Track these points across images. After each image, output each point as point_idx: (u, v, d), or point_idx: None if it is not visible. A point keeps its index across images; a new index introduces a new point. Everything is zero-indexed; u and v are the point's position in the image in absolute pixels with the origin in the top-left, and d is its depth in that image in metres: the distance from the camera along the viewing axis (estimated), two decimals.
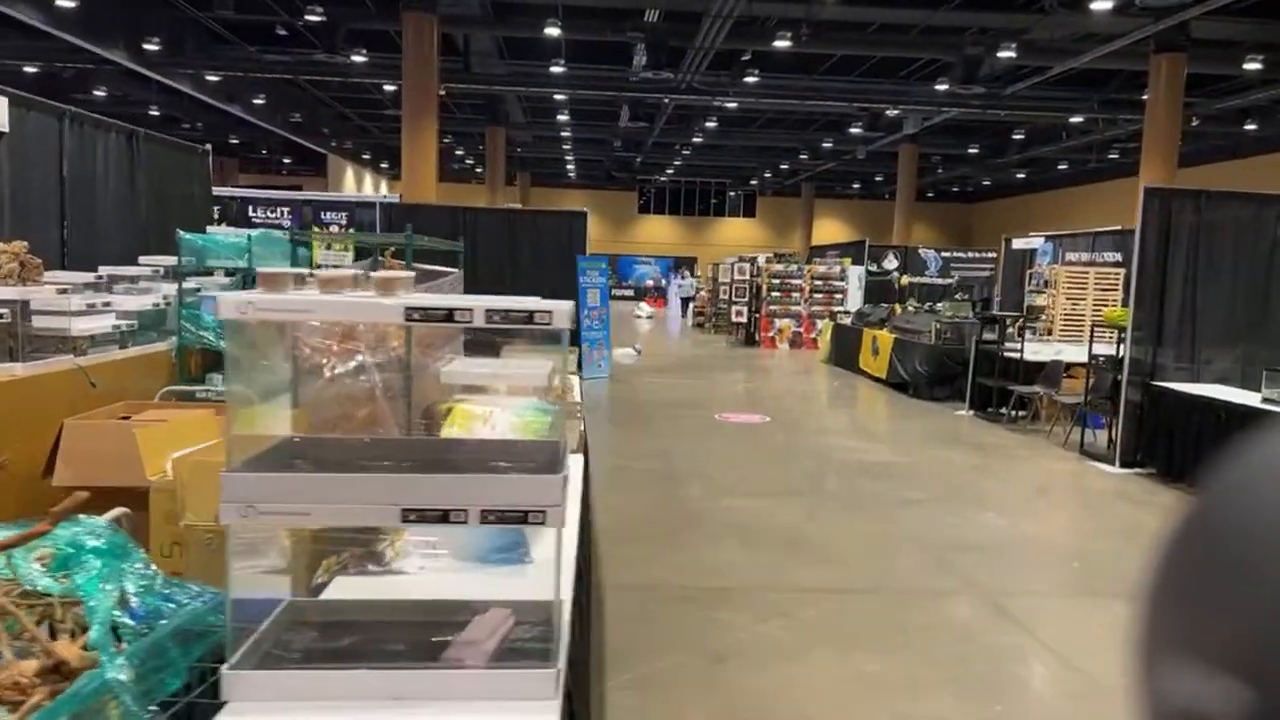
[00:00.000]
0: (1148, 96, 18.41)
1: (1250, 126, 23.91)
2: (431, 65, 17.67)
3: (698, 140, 32.05)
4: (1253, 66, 17.62)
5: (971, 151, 32.12)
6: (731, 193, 45.53)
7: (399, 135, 17.99)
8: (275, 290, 2.03)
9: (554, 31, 18.36)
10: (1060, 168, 33.92)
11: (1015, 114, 24.75)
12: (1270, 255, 8.60)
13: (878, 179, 39.22)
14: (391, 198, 16.52)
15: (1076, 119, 25.01)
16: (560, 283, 13.63)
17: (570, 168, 41.78)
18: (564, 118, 29.72)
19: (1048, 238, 14.59)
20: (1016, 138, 29.35)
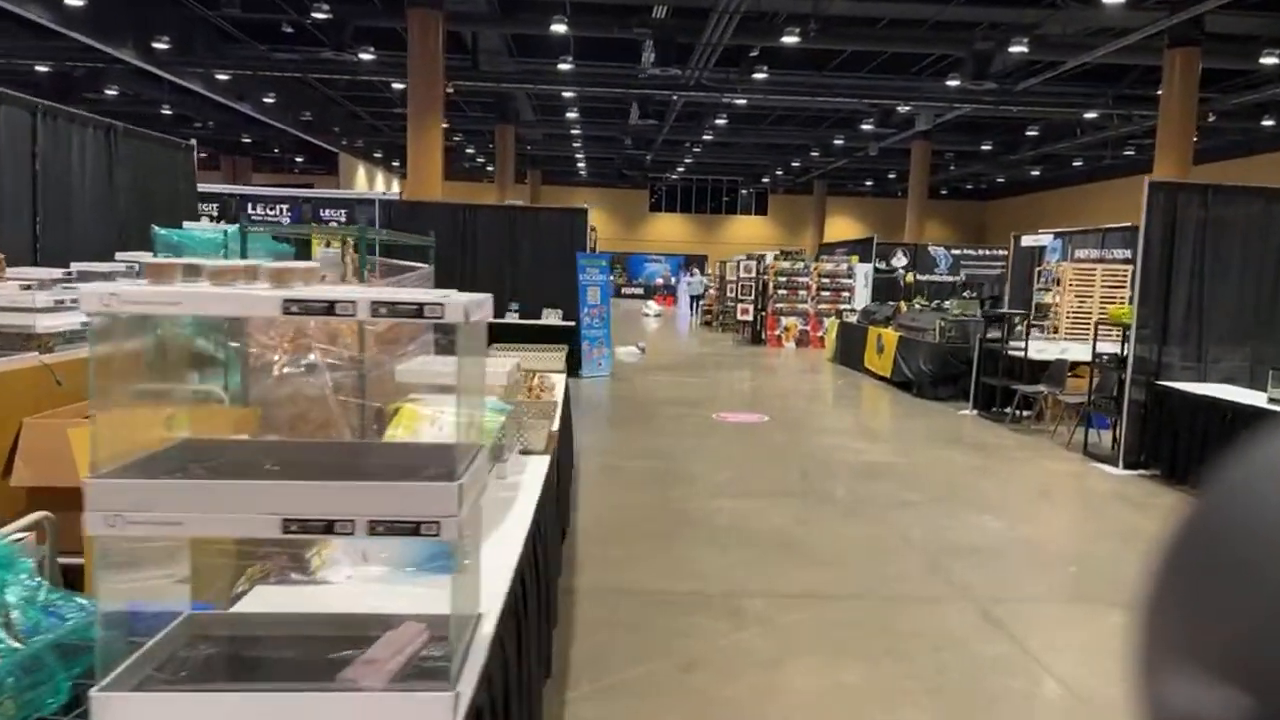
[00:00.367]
0: (1161, 92, 18.10)
1: (1268, 122, 23.55)
2: (437, 62, 17.57)
3: (708, 138, 31.90)
4: (1269, 61, 17.32)
5: (985, 148, 31.84)
6: (743, 190, 45.32)
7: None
8: (160, 282, 1.90)
9: (561, 28, 18.25)
10: (1075, 164, 33.57)
11: (1028, 110, 24.49)
12: None
13: (890, 176, 38.95)
14: (391, 195, 16.43)
15: (1091, 115, 24.71)
16: (561, 280, 13.53)
17: (581, 166, 41.67)
18: (573, 115, 29.59)
19: (1057, 234, 14.34)
20: (1030, 134, 29.06)
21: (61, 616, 1.97)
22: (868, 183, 43.08)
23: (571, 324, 13.54)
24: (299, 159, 39.71)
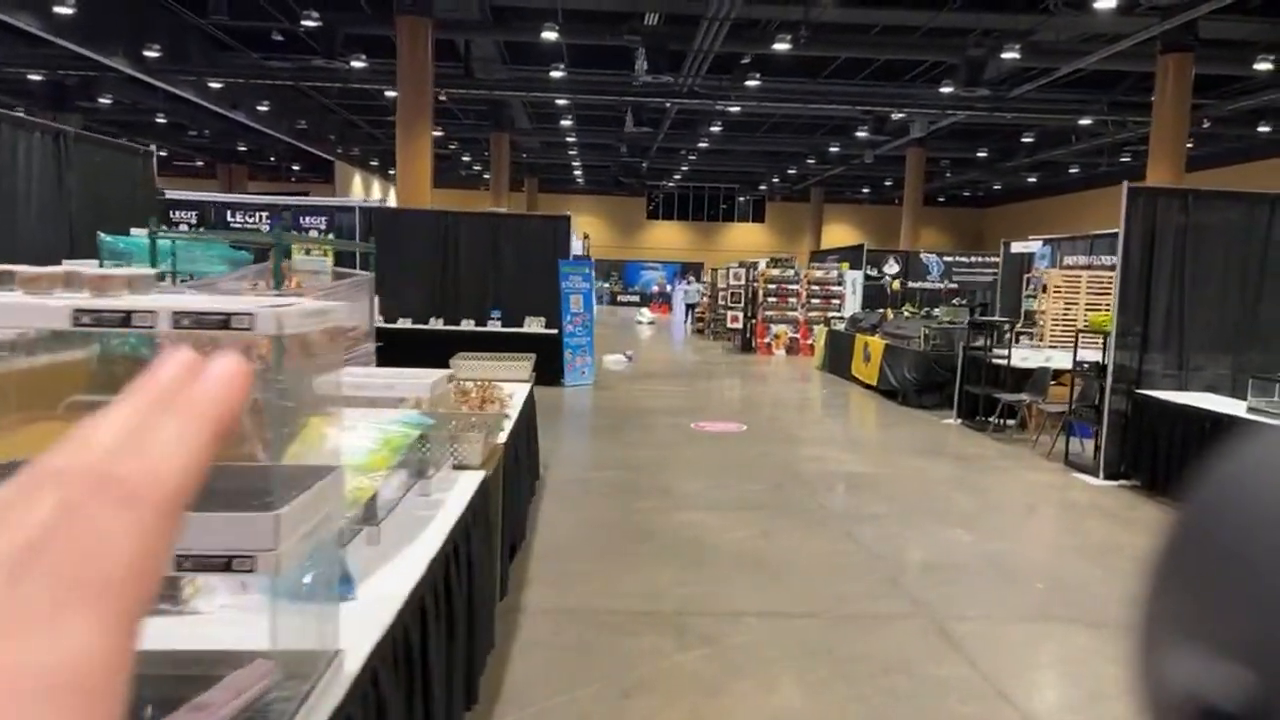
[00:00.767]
0: (1155, 98, 17.95)
1: (1264, 128, 23.38)
2: (426, 69, 17.48)
3: (704, 145, 31.80)
4: (1263, 67, 17.17)
5: (981, 155, 31.72)
6: (740, 198, 45.20)
7: None
8: (35, 292, 1.78)
9: (552, 35, 18.14)
10: (1072, 171, 33.42)
11: (1022, 117, 24.38)
12: (1263, 257, 8.20)
13: (887, 183, 38.84)
14: (372, 202, 16.30)
15: (1086, 121, 24.59)
16: (544, 288, 13.39)
17: (578, 173, 41.57)
18: (568, 123, 29.50)
19: (1046, 241, 14.19)
20: (1026, 141, 28.94)
21: None
22: (865, 190, 42.98)
23: (554, 332, 13.40)
24: (295, 167, 39.62)
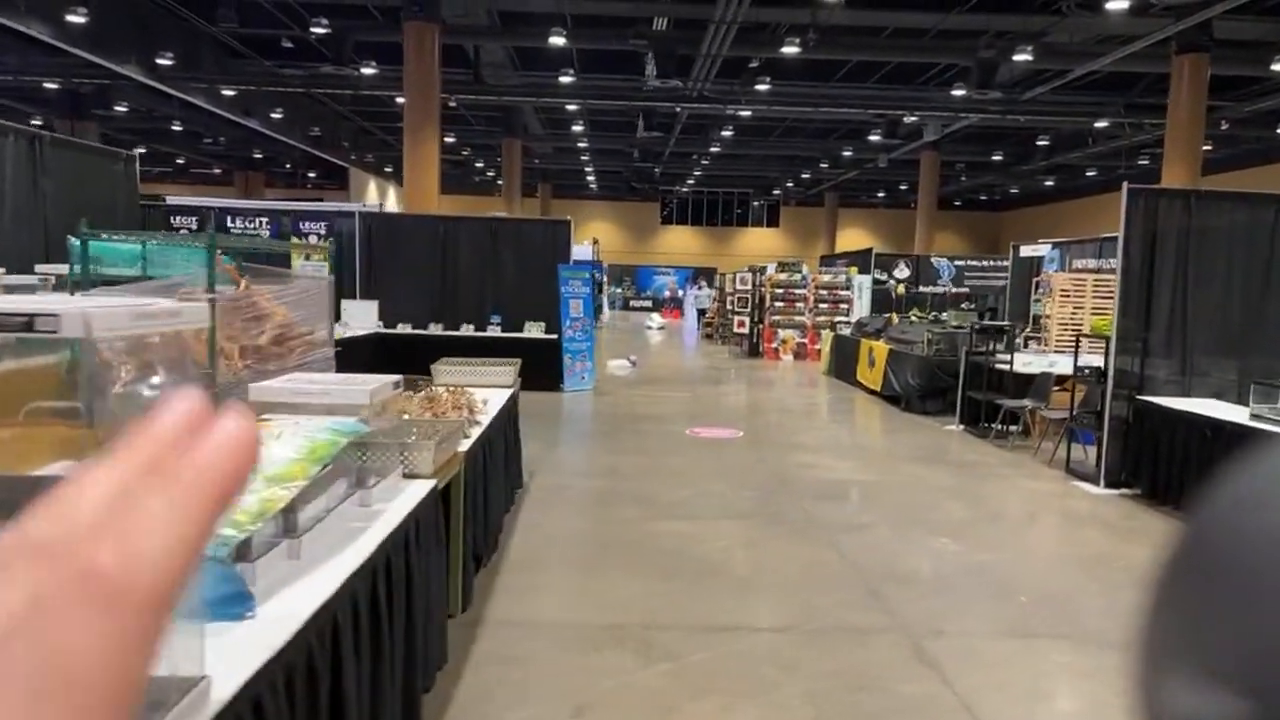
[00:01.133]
0: (1169, 99, 17.65)
1: None
2: (433, 75, 17.43)
3: (715, 150, 31.64)
4: None
5: (996, 159, 31.40)
6: (755, 203, 44.98)
7: None
8: None
9: (560, 40, 18.06)
10: (1089, 174, 33.05)
11: (1037, 119, 24.10)
12: (1269, 259, 7.95)
13: (902, 187, 38.54)
14: (371, 207, 16.24)
15: (1102, 124, 24.26)
16: (544, 292, 13.26)
17: (591, 179, 41.49)
18: (579, 128, 29.42)
19: (1055, 244, 13.93)
20: (1041, 144, 28.60)
21: None
22: (879, 194, 42.67)
23: (554, 337, 13.26)
24: (311, 174, 39.76)
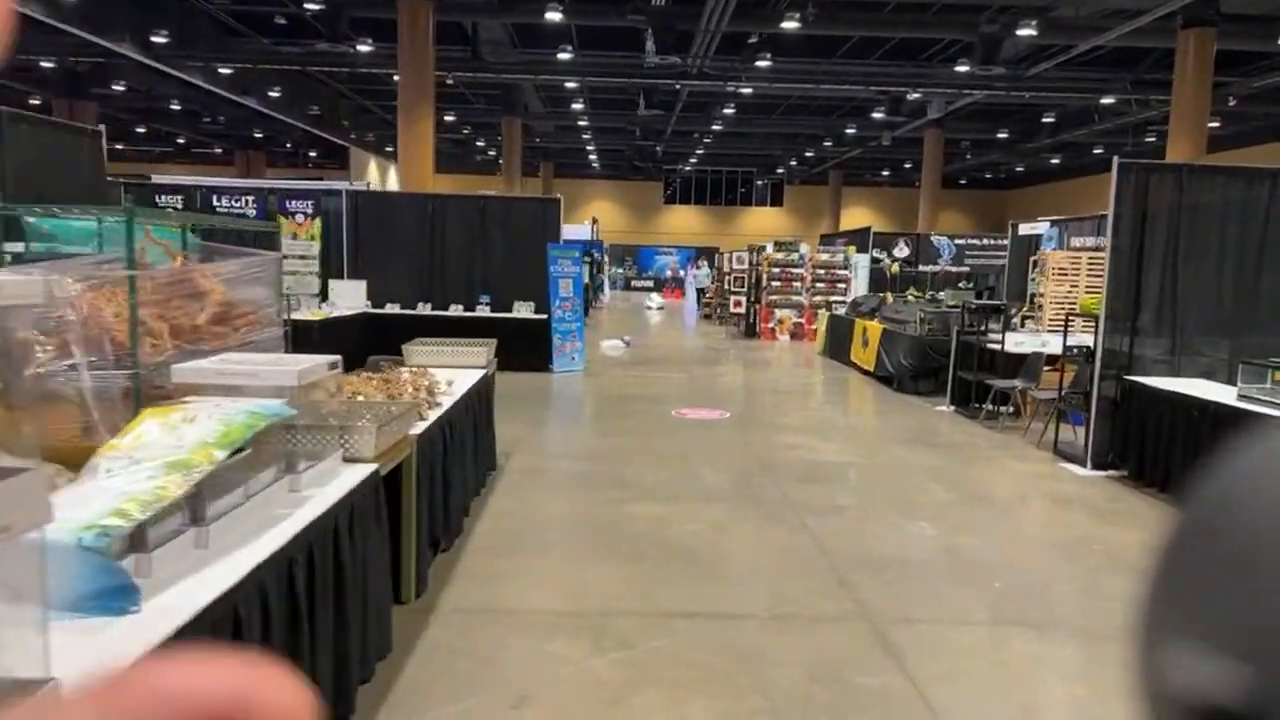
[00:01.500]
0: (1175, 75, 17.35)
1: None
2: (427, 51, 17.22)
3: (717, 128, 31.32)
4: None
5: (1001, 136, 31.02)
6: (759, 181, 44.59)
7: None
8: None
9: (557, 16, 17.80)
10: (1096, 152, 32.62)
11: (1042, 96, 23.72)
12: (1262, 236, 7.75)
13: (906, 165, 38.17)
14: (359, 186, 16.09)
15: (1108, 100, 23.91)
16: (534, 272, 13.11)
17: (593, 158, 41.19)
18: (579, 106, 29.14)
19: (1054, 222, 13.71)
20: (1047, 121, 28.24)
21: None
22: (884, 172, 42.29)
23: (543, 317, 13.12)
24: (312, 153, 39.56)
